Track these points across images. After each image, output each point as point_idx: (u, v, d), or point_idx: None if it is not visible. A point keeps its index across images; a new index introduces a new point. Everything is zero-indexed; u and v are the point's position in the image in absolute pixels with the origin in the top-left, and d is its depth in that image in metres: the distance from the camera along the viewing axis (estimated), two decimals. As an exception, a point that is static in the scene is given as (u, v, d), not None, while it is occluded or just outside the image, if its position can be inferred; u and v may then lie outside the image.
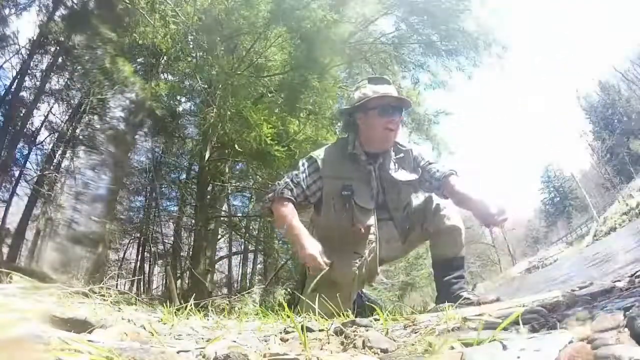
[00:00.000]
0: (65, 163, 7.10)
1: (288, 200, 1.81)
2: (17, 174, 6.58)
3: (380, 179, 1.85)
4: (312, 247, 1.61)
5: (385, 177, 1.85)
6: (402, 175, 1.87)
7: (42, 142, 7.20)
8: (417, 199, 1.98)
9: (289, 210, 1.78)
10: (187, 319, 1.44)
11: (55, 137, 7.17)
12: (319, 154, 1.90)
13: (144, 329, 0.94)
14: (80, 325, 0.84)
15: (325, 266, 1.53)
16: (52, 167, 6.61)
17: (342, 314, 1.23)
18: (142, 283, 8.43)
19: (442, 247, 1.82)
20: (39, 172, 6.60)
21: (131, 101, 5.54)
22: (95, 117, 6.78)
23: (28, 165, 6.89)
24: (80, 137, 6.89)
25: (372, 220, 1.80)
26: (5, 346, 0.48)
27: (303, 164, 1.89)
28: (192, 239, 7.20)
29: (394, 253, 1.97)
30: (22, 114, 6.67)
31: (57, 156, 6.95)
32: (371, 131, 1.81)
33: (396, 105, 1.81)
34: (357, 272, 1.79)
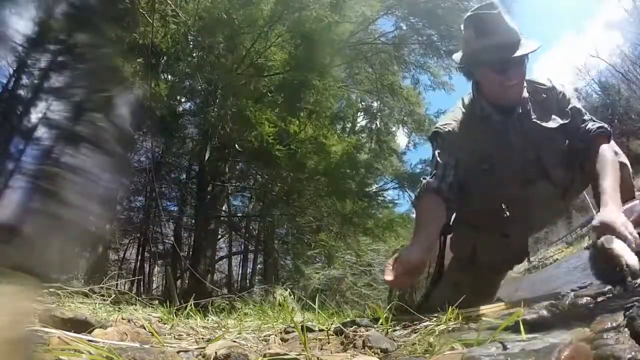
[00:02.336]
0: (65, 159, 7.09)
1: (433, 192, 1.46)
2: (14, 169, 6.57)
3: (525, 133, 1.46)
4: (404, 261, 1.24)
5: (530, 128, 1.45)
6: (551, 120, 1.48)
7: (39, 139, 7.19)
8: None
9: (426, 207, 1.46)
10: (187, 319, 1.44)
11: (55, 134, 7.16)
12: (446, 125, 1.54)
13: (144, 329, 0.94)
14: (80, 325, 0.84)
15: (405, 286, 1.32)
16: (51, 163, 6.61)
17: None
18: (142, 283, 8.41)
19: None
20: (38, 168, 6.59)
21: (132, 101, 5.53)
22: (98, 114, 6.78)
23: (27, 161, 6.88)
24: (80, 135, 6.89)
25: (520, 195, 1.47)
26: (4, 346, 0.48)
27: (434, 146, 1.55)
28: (192, 239, 7.19)
29: (551, 215, 1.72)
30: (19, 112, 6.67)
31: (56, 152, 6.94)
32: (489, 88, 1.46)
33: (510, 57, 1.38)
34: (503, 256, 1.59)
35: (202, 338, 1.02)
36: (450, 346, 0.66)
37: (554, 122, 1.47)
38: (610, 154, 1.41)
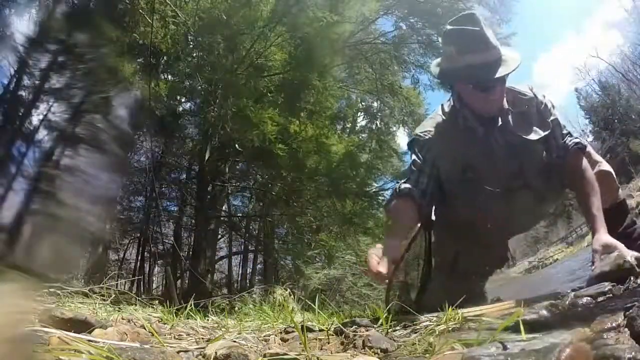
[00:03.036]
0: (64, 161, 7.09)
1: (406, 197, 1.45)
2: (15, 171, 6.57)
3: (506, 143, 1.46)
4: (380, 254, 1.28)
5: (511, 139, 1.46)
6: (532, 132, 1.47)
7: (40, 140, 7.20)
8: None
9: (398, 209, 1.46)
10: (187, 319, 1.44)
11: (55, 135, 7.16)
12: (425, 132, 1.54)
13: (144, 329, 0.94)
14: (80, 325, 0.84)
15: (386, 278, 1.28)
16: (51, 165, 6.61)
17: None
18: (142, 283, 8.41)
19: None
20: (37, 170, 6.60)
21: (132, 101, 5.54)
22: (96, 116, 6.78)
23: (26, 162, 6.89)
24: (80, 135, 6.89)
25: (502, 204, 1.46)
26: (4, 345, 0.48)
27: (414, 151, 1.55)
28: (192, 239, 7.19)
29: (531, 222, 1.73)
30: (21, 113, 6.67)
31: (56, 154, 6.95)
32: (471, 102, 1.45)
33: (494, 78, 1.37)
34: (484, 263, 1.62)
35: (202, 338, 1.02)
36: (450, 346, 0.66)
37: (535, 134, 1.47)
38: (588, 171, 1.46)
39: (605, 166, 1.58)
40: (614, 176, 1.59)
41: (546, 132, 1.47)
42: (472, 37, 1.35)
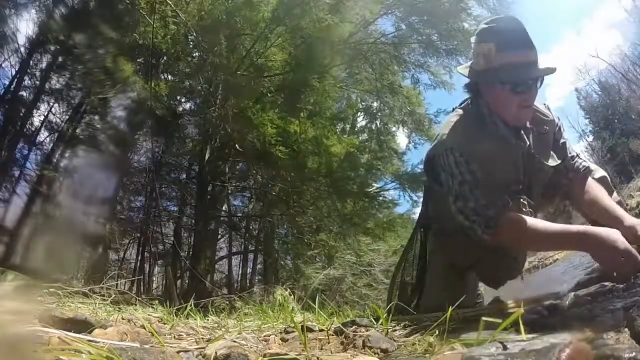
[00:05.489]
0: (65, 162, 7.10)
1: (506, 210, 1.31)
2: (17, 174, 6.59)
3: (525, 162, 1.38)
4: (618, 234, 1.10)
5: (530, 161, 1.38)
6: (549, 156, 1.42)
7: (41, 142, 7.20)
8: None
9: (524, 219, 1.27)
10: (187, 319, 1.44)
11: (55, 136, 7.17)
12: (457, 142, 1.33)
13: (144, 329, 0.94)
14: (80, 325, 0.84)
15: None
16: (51, 167, 6.62)
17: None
18: (142, 283, 8.41)
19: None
20: (38, 172, 6.60)
21: (132, 101, 5.54)
22: (96, 116, 6.78)
23: (28, 165, 6.90)
24: (81, 136, 6.89)
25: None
26: (4, 345, 0.48)
27: (458, 167, 1.31)
28: (192, 239, 7.20)
29: None
30: (22, 114, 6.67)
31: (56, 155, 6.95)
32: (504, 108, 1.34)
33: (536, 77, 1.29)
34: (503, 273, 1.55)
35: (202, 338, 1.02)
36: (450, 346, 0.66)
37: (552, 159, 1.43)
38: (592, 190, 1.43)
39: (599, 172, 1.54)
40: (609, 180, 1.56)
41: (561, 160, 1.44)
42: (516, 36, 1.28)
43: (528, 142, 1.38)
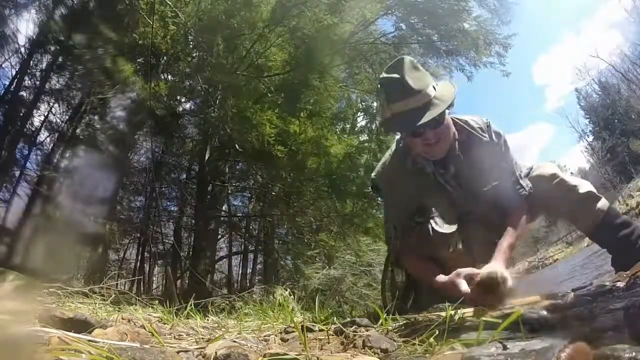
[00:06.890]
0: (65, 163, 7.10)
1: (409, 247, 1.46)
2: (17, 174, 6.59)
3: (458, 187, 1.50)
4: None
5: (465, 188, 1.49)
6: (485, 181, 1.49)
7: (42, 142, 7.20)
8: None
9: (416, 259, 1.45)
10: (187, 319, 1.44)
11: (55, 137, 7.17)
12: (378, 174, 1.61)
13: (144, 329, 0.94)
14: (80, 325, 0.84)
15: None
16: (52, 167, 6.62)
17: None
18: (142, 283, 8.42)
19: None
20: (38, 172, 6.61)
21: (132, 101, 5.54)
22: (96, 117, 6.78)
23: (28, 165, 6.90)
24: (81, 137, 6.90)
25: (456, 243, 1.44)
26: (3, 346, 0.48)
27: (380, 194, 1.63)
28: (192, 239, 7.20)
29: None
30: (22, 114, 6.67)
31: (57, 156, 6.96)
32: (411, 147, 1.48)
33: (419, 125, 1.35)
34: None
35: (202, 338, 1.02)
36: (450, 346, 0.66)
37: (488, 183, 1.48)
38: (523, 217, 1.49)
39: (584, 187, 1.53)
40: (594, 192, 1.53)
41: (498, 182, 1.48)
42: (394, 86, 1.36)
43: (452, 170, 1.48)
